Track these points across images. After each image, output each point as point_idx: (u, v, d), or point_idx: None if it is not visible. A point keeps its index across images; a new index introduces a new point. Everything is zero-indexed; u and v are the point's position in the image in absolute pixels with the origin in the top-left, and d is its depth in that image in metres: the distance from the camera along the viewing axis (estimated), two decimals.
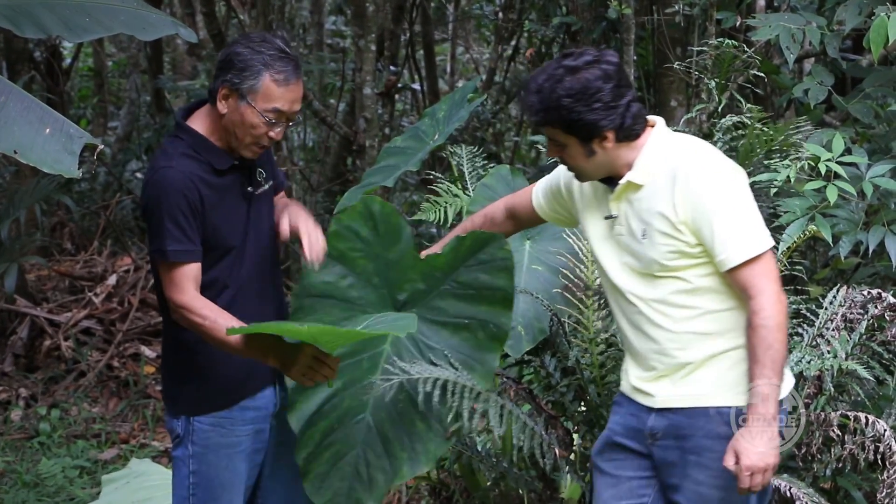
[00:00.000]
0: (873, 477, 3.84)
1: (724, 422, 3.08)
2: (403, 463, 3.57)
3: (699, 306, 3.10)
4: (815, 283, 4.75)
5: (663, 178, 3.08)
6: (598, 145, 3.09)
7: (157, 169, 3.35)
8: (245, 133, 3.35)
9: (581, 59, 3.06)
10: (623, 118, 3.06)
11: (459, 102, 4.54)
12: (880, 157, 4.44)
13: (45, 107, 3.24)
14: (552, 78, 3.05)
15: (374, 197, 3.78)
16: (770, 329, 2.97)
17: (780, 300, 3.01)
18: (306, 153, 10.97)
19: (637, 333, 3.20)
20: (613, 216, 3.19)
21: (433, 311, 3.67)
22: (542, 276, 4.13)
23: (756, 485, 2.99)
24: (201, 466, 3.48)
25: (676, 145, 3.14)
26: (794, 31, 4.66)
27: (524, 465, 4.32)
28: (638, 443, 3.26)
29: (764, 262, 3.03)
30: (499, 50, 9.91)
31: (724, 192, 3.04)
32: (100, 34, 3.90)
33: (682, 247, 3.06)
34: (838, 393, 3.72)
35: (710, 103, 4.45)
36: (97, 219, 9.31)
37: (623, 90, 3.06)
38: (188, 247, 3.29)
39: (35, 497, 5.69)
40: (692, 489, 3.15)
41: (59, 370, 7.31)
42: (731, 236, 3.01)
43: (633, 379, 3.26)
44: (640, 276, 3.15)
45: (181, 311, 3.30)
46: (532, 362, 4.14)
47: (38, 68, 9.89)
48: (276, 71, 3.30)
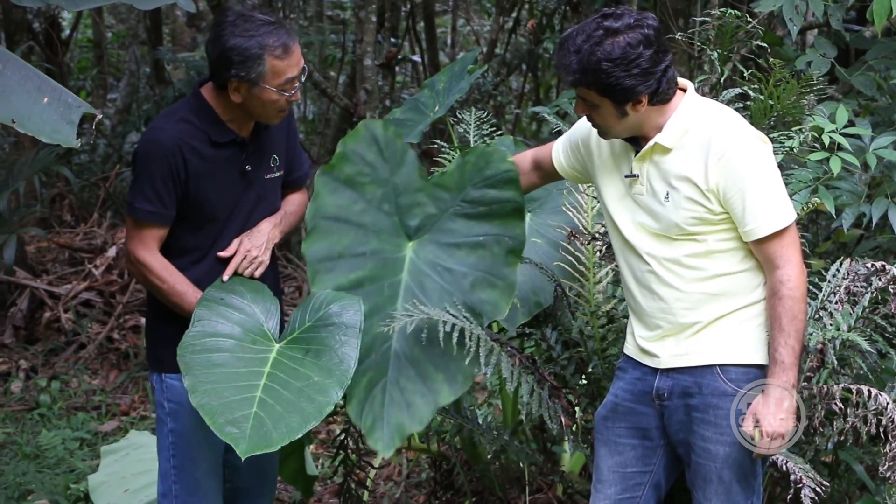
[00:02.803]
0: (875, 451, 3.85)
1: (729, 378, 3.13)
2: (441, 384, 3.54)
3: (711, 269, 3.13)
4: (816, 257, 4.74)
5: (695, 145, 3.08)
6: (631, 108, 3.08)
7: (152, 127, 3.45)
8: (267, 110, 3.43)
9: (622, 20, 3.02)
10: (660, 83, 3.05)
11: (459, 74, 4.51)
12: (883, 129, 4.42)
13: (42, 76, 3.21)
14: (591, 39, 3.01)
15: (375, 121, 3.81)
16: (796, 300, 3.04)
17: (803, 271, 3.08)
18: (307, 125, 10.95)
19: (645, 292, 3.23)
20: (635, 175, 3.19)
21: (447, 234, 3.69)
22: (542, 249, 4.11)
23: (774, 449, 3.08)
24: (178, 424, 3.56)
25: (708, 112, 3.14)
26: (797, 3, 4.63)
27: (525, 439, 4.32)
28: (645, 406, 3.30)
29: (790, 233, 3.07)
30: (500, 21, 9.87)
31: (756, 164, 3.05)
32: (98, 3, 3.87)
33: (706, 214, 3.08)
34: (841, 366, 3.70)
35: (712, 75, 4.41)
36: (97, 190, 9.29)
37: (661, 55, 3.04)
38: (158, 209, 3.40)
39: (35, 468, 5.69)
40: (700, 445, 3.20)
41: (59, 342, 7.32)
42: (762, 208, 3.04)
43: (639, 339, 3.29)
44: (655, 236, 3.17)
45: (140, 266, 3.43)
46: (533, 335, 4.12)
47: (37, 39, 9.83)
48: (274, 47, 3.34)
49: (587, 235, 3.98)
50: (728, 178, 3.03)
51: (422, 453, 4.98)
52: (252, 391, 3.16)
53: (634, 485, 3.37)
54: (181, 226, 3.46)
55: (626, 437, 3.35)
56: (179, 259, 3.47)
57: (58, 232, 8.78)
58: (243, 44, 3.31)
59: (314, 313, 3.41)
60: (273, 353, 3.31)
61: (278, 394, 3.17)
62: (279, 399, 3.15)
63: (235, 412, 3.09)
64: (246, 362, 3.26)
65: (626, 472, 3.36)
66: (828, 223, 5.01)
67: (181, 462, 3.56)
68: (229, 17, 3.37)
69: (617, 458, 3.37)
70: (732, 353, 3.15)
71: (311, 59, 8.46)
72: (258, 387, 3.18)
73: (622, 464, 3.36)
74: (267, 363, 3.27)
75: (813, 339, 3.60)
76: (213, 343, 3.27)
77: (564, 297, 4.01)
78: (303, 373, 3.25)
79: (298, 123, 10.60)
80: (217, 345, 3.27)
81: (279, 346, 3.34)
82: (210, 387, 3.13)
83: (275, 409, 3.12)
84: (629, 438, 3.35)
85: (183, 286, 3.42)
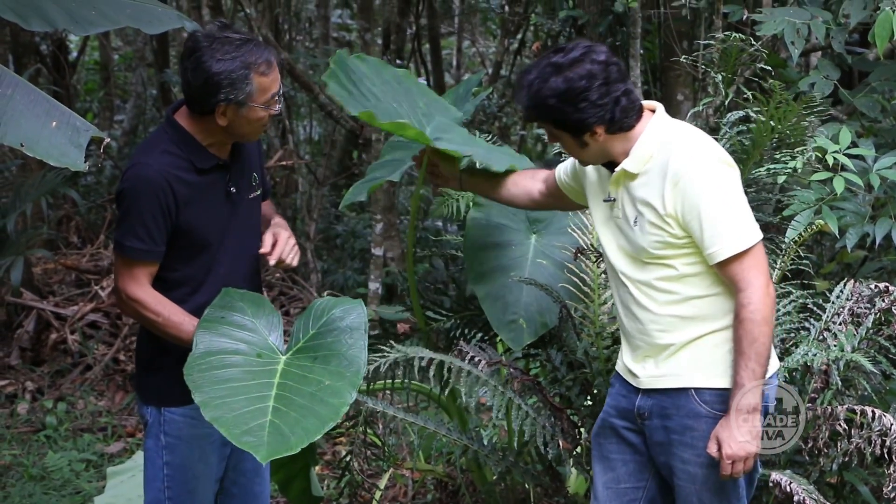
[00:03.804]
0: (880, 472, 3.84)
1: (703, 401, 3.16)
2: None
3: (683, 292, 3.16)
4: (821, 278, 4.75)
5: (656, 170, 3.12)
6: (589, 138, 3.14)
7: (135, 163, 3.35)
8: (253, 127, 3.39)
9: (569, 55, 3.08)
10: (612, 113, 3.09)
11: (464, 96, 4.52)
12: (887, 150, 4.43)
13: (51, 100, 3.22)
14: (540, 77, 3.10)
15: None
16: (756, 322, 3.03)
17: (767, 293, 3.06)
18: (312, 147, 10.98)
19: (626, 313, 3.28)
20: (612, 199, 3.25)
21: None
22: (548, 271, 4.13)
23: (737, 472, 3.09)
24: (175, 458, 3.49)
25: (671, 136, 3.16)
26: (798, 26, 4.65)
27: (530, 459, 4.32)
28: (629, 423, 3.33)
29: (752, 255, 3.07)
30: (505, 43, 9.91)
31: (712, 186, 3.06)
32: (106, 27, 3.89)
33: (669, 238, 3.11)
34: (845, 387, 3.71)
35: (716, 97, 4.43)
36: (103, 212, 9.32)
37: (611, 87, 3.07)
38: (150, 246, 3.33)
39: (41, 490, 5.69)
40: (681, 468, 3.23)
41: (65, 363, 7.32)
42: (720, 231, 3.05)
43: (625, 358, 3.34)
44: (632, 259, 3.21)
45: (133, 303, 3.36)
46: (538, 356, 4.14)
47: (45, 61, 9.88)
48: (258, 65, 3.29)
49: (592, 254, 3.99)
50: (685, 202, 3.06)
51: (427, 474, 4.98)
52: (264, 401, 3.14)
53: (629, 501, 3.39)
54: (174, 257, 3.40)
55: (618, 453, 3.39)
56: (176, 291, 3.41)
57: (64, 253, 8.80)
58: (228, 66, 3.25)
59: (317, 321, 3.40)
60: (280, 364, 3.29)
61: (291, 401, 3.14)
62: (292, 405, 3.13)
63: (250, 422, 3.06)
64: (254, 375, 3.23)
65: (620, 488, 3.39)
66: (832, 244, 5.01)
67: (177, 494, 3.50)
68: (203, 42, 3.29)
69: (610, 473, 3.40)
70: (705, 377, 3.16)
71: (318, 82, 8.48)
72: (270, 397, 3.15)
73: (616, 479, 3.39)
74: (276, 374, 3.24)
75: (817, 359, 3.61)
76: (219, 361, 3.25)
77: (570, 318, 4.03)
78: (313, 379, 3.22)
79: (304, 145, 10.65)
80: (223, 362, 3.25)
81: (286, 357, 3.32)
82: (221, 401, 3.11)
83: (289, 415, 3.10)
84: (620, 454, 3.38)
85: (179, 316, 3.35)
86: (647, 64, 7.15)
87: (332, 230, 9.55)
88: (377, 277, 7.00)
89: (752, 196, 4.28)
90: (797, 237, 3.94)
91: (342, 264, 8.97)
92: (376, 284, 6.93)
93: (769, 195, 4.37)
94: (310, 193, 9.12)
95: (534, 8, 9.09)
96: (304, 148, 10.58)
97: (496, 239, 4.33)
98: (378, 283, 6.98)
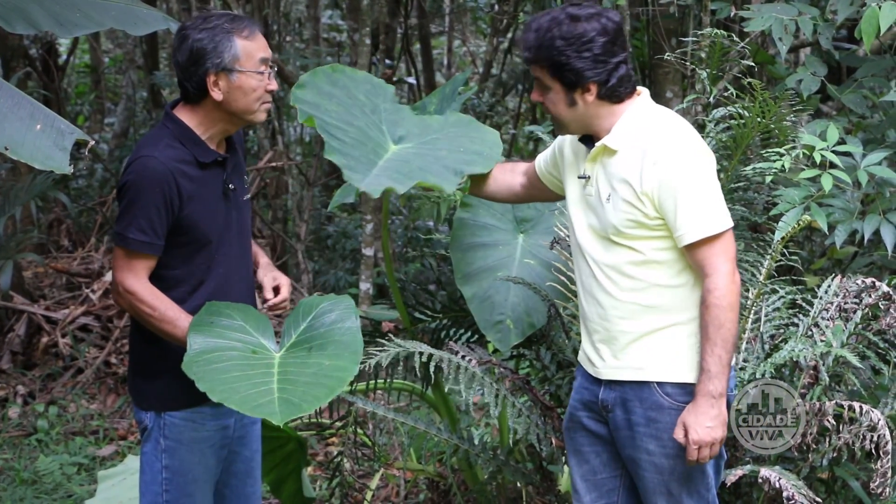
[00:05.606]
0: (870, 467, 3.84)
1: (666, 393, 3.18)
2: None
3: (647, 279, 3.17)
4: (811, 273, 4.75)
5: (636, 149, 3.14)
6: (579, 96, 3.16)
7: (140, 156, 3.35)
8: (250, 100, 3.39)
9: (585, 10, 3.14)
10: (609, 75, 3.13)
11: (451, 95, 4.52)
12: (874, 146, 4.43)
13: (35, 103, 3.22)
14: (553, 20, 3.13)
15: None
16: (722, 308, 3.07)
17: (734, 280, 3.09)
18: (303, 148, 10.97)
19: (587, 297, 3.29)
20: (587, 176, 3.26)
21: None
22: (535, 271, 4.13)
23: (704, 457, 3.11)
24: (174, 461, 3.47)
25: (654, 119, 3.20)
26: (786, 22, 4.65)
27: (521, 458, 4.32)
28: (595, 414, 3.34)
29: (722, 242, 3.10)
30: (495, 42, 9.91)
31: (689, 170, 3.10)
32: (91, 29, 3.89)
33: (641, 217, 3.12)
34: (834, 383, 3.71)
35: (703, 94, 4.43)
36: (94, 215, 9.30)
37: (616, 49, 3.13)
38: (152, 239, 3.33)
39: (33, 494, 5.69)
40: (646, 460, 3.24)
41: (56, 367, 7.31)
42: (693, 213, 3.08)
43: (584, 346, 3.35)
44: (600, 238, 3.23)
45: (129, 296, 3.34)
46: (527, 355, 4.13)
47: (34, 65, 9.87)
48: (240, 29, 3.35)
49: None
50: (662, 183, 3.08)
51: (419, 474, 4.98)
52: (268, 384, 3.16)
53: (608, 490, 3.40)
54: (174, 254, 3.39)
55: (589, 445, 3.40)
56: (175, 290, 3.40)
57: (55, 257, 8.79)
58: (209, 34, 3.31)
59: (306, 317, 3.41)
60: (277, 359, 3.30)
61: (295, 381, 3.17)
62: (297, 383, 3.16)
63: (258, 400, 3.09)
64: (254, 366, 3.25)
65: (597, 479, 3.41)
66: (822, 240, 5.02)
67: (175, 497, 3.50)
68: (188, 24, 3.39)
69: (585, 466, 3.42)
70: (668, 371, 3.18)
71: None
72: (273, 381, 3.18)
73: (591, 471, 3.41)
74: (274, 366, 3.27)
75: (806, 355, 3.61)
76: (217, 356, 3.25)
77: (558, 316, 4.02)
78: (312, 362, 3.25)
79: (294, 146, 10.63)
80: (221, 357, 3.25)
81: (280, 353, 3.33)
82: (227, 386, 3.13)
83: (296, 389, 3.13)
84: (592, 446, 3.40)
85: (174, 312, 3.34)
86: (636, 61, 7.15)
87: (323, 231, 9.54)
88: (368, 278, 6.99)
89: (740, 195, 4.28)
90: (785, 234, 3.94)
91: (333, 265, 8.96)
92: (367, 285, 6.92)
93: (756, 195, 4.37)
94: (300, 194, 9.10)
95: (523, 6, 9.09)
96: (295, 149, 10.56)
97: (483, 239, 4.33)
98: (369, 283, 6.97)
